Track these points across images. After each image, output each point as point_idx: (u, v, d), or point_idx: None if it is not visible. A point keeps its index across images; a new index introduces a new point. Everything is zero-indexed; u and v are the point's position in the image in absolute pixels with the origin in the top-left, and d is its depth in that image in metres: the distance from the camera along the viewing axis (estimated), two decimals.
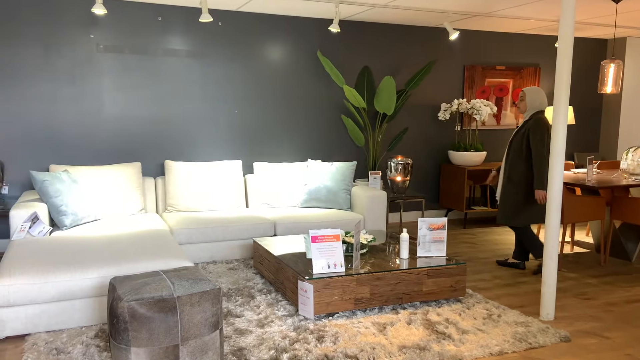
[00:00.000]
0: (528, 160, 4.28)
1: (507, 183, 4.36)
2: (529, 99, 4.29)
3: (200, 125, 5.49)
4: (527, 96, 4.30)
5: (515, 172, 4.32)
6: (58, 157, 5.03)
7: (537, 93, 4.29)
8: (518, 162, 4.31)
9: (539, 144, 4.14)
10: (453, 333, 3.23)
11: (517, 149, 4.30)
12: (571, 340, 3.21)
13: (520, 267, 4.60)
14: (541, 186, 4.13)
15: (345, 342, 3.08)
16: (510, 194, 4.36)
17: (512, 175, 4.33)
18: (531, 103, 4.29)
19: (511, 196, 4.36)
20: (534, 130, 4.19)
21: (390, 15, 5.65)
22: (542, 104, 4.28)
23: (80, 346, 2.98)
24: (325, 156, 6.06)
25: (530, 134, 4.20)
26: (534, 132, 4.19)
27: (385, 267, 3.60)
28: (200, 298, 2.62)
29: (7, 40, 4.77)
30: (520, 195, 4.32)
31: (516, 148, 4.31)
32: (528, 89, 4.32)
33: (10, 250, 3.47)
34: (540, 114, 4.28)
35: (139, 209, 4.90)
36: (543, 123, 4.20)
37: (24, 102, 4.88)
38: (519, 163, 4.30)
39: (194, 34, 5.37)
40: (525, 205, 4.33)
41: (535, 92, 4.29)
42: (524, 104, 4.32)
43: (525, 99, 4.30)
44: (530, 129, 4.20)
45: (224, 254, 4.68)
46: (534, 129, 4.19)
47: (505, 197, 4.39)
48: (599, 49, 7.31)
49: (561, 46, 3.33)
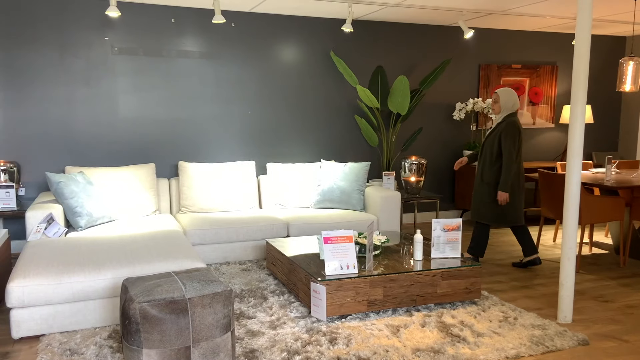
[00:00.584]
0: (499, 162, 4.33)
1: (480, 182, 4.45)
2: (503, 101, 4.31)
3: (214, 126, 5.51)
4: (501, 98, 4.31)
5: (487, 173, 4.38)
6: (73, 159, 5.07)
7: (510, 94, 4.31)
8: (490, 164, 4.37)
9: (511, 147, 4.20)
10: (468, 336, 3.18)
11: (489, 151, 4.35)
12: (589, 343, 3.14)
13: (537, 262, 4.56)
14: (505, 188, 4.23)
15: (358, 345, 3.05)
16: (482, 192, 4.45)
17: (483, 176, 4.41)
18: (505, 104, 4.32)
19: (482, 195, 4.45)
20: (507, 133, 4.23)
21: (404, 14, 5.61)
22: (515, 105, 4.32)
23: (94, 347, 2.99)
24: (339, 157, 6.03)
25: (503, 137, 4.24)
26: (506, 135, 4.23)
27: (398, 269, 3.56)
28: (211, 300, 2.61)
29: (24, 44, 4.83)
30: (490, 195, 4.40)
31: (489, 149, 4.36)
32: (501, 91, 4.34)
33: (26, 251, 3.50)
34: (513, 116, 4.32)
35: (153, 210, 4.92)
36: (516, 126, 4.25)
37: (40, 104, 4.93)
38: (490, 164, 4.37)
39: (207, 36, 5.38)
40: (492, 205, 4.41)
41: (509, 93, 4.31)
42: (498, 106, 4.34)
43: (499, 101, 4.32)
44: (503, 132, 4.24)
45: (237, 255, 4.68)
46: (506, 132, 4.23)
47: (477, 195, 4.49)
48: (618, 46, 7.18)
49: (578, 44, 3.26)
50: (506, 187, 4.24)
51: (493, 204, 4.40)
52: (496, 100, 4.34)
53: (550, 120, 6.92)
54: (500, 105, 4.33)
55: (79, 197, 4.31)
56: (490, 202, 4.41)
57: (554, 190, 4.68)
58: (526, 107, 6.78)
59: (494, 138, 4.33)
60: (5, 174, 4.68)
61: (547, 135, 6.98)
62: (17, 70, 4.84)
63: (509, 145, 4.21)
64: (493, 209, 4.41)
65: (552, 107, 6.90)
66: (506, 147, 4.22)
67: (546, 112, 6.89)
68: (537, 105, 6.84)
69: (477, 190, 4.49)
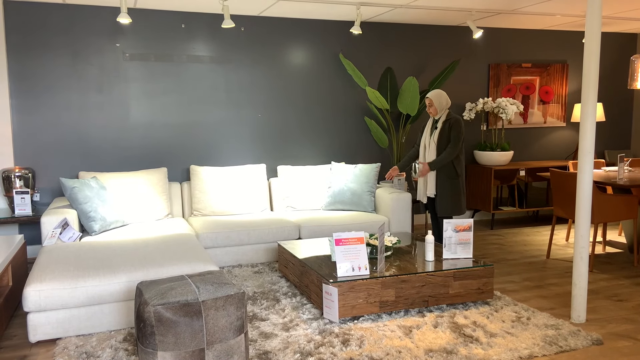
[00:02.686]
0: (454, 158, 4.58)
1: (445, 179, 4.59)
2: (437, 103, 4.56)
3: (225, 130, 5.54)
4: (435, 101, 4.56)
5: (449, 168, 4.57)
6: (87, 164, 5.14)
7: (441, 94, 4.58)
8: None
9: (457, 140, 4.50)
10: (481, 336, 3.18)
11: (444, 148, 4.56)
12: (603, 343, 3.12)
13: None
14: (433, 167, 4.52)
15: (371, 346, 3.06)
16: (448, 188, 4.58)
17: (449, 172, 4.57)
18: (440, 105, 4.56)
19: (449, 190, 4.59)
20: (455, 127, 4.52)
21: (412, 15, 5.61)
22: (448, 101, 4.60)
23: (110, 350, 3.03)
24: (349, 158, 6.04)
25: (453, 130, 4.52)
26: (454, 129, 4.52)
27: (410, 270, 3.56)
28: (224, 302, 2.63)
29: (37, 52, 4.90)
30: (457, 187, 4.59)
31: (443, 147, 4.56)
32: (431, 94, 4.57)
33: (41, 256, 3.56)
34: (452, 112, 4.55)
35: (166, 214, 4.97)
36: (461, 123, 4.55)
37: (53, 111, 5.00)
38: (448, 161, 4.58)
39: (217, 40, 5.42)
40: (462, 195, 4.62)
41: (439, 94, 4.58)
42: (434, 108, 4.59)
43: (434, 104, 4.56)
44: (453, 126, 4.52)
45: (249, 258, 4.71)
46: (455, 126, 4.52)
47: (445, 191, 4.60)
48: (629, 43, 7.12)
49: (588, 42, 3.25)
50: (435, 167, 4.52)
51: (462, 193, 4.62)
52: (431, 104, 4.59)
53: (562, 119, 6.88)
54: (436, 107, 4.57)
55: (93, 202, 4.37)
56: (460, 193, 4.61)
57: (566, 189, 4.66)
58: (537, 106, 6.75)
59: (442, 135, 4.54)
60: (21, 180, 4.75)
61: (559, 134, 6.94)
62: (30, 78, 4.91)
63: (456, 138, 4.49)
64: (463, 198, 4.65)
65: (563, 105, 6.86)
66: (453, 137, 4.50)
67: (557, 110, 6.85)
68: (547, 104, 6.80)
69: (444, 187, 4.62)
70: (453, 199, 4.60)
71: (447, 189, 4.60)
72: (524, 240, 5.67)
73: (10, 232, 4.97)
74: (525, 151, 6.81)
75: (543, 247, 5.34)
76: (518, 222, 6.60)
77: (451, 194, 4.60)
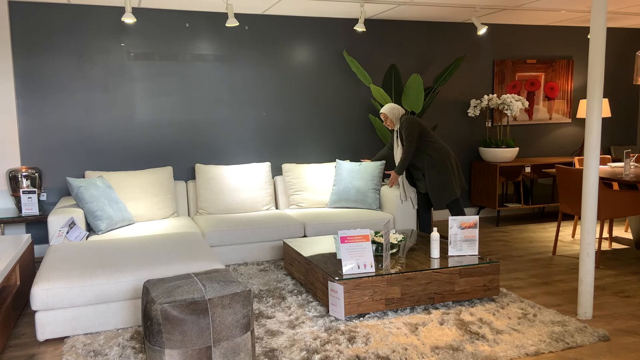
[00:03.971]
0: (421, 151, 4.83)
1: (428, 171, 4.82)
2: (391, 115, 4.86)
3: (230, 128, 5.56)
4: (389, 115, 4.85)
5: (425, 160, 4.83)
6: (93, 164, 5.16)
7: (392, 108, 4.88)
8: (421, 154, 4.85)
9: (409, 139, 4.76)
10: (487, 333, 3.17)
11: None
12: (610, 339, 3.12)
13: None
14: (399, 171, 4.85)
15: (377, 343, 3.06)
16: (435, 178, 4.81)
17: (427, 164, 4.82)
18: (394, 117, 4.86)
19: (437, 179, 4.82)
20: (404, 128, 4.79)
21: (416, 12, 5.60)
22: (400, 110, 4.89)
23: (117, 348, 3.05)
24: (354, 156, 6.04)
25: (403, 132, 4.80)
26: (404, 130, 4.78)
27: (416, 267, 3.56)
28: (231, 300, 2.64)
29: (43, 51, 4.93)
30: (443, 173, 4.81)
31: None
32: (384, 109, 4.87)
33: (48, 255, 3.58)
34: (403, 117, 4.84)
35: (171, 213, 4.98)
36: (409, 122, 4.78)
37: (59, 111, 5.02)
38: (421, 154, 4.85)
39: (221, 39, 5.43)
40: (448, 179, 4.81)
41: (391, 108, 4.87)
42: (390, 121, 4.89)
43: (388, 118, 4.87)
44: (402, 127, 4.80)
45: (255, 256, 4.72)
46: (404, 128, 4.79)
47: (434, 182, 4.82)
48: (634, 38, 7.08)
49: (593, 37, 3.24)
50: (400, 171, 4.84)
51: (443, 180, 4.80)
52: (385, 118, 4.89)
53: (567, 115, 6.86)
54: (391, 119, 4.87)
55: (99, 201, 4.39)
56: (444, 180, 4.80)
57: (572, 185, 4.64)
58: (542, 102, 6.73)
59: (402, 140, 4.85)
60: (27, 180, 4.78)
61: (564, 130, 6.91)
62: (36, 78, 4.94)
63: (406, 137, 4.77)
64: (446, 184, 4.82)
65: (568, 101, 6.83)
66: (404, 138, 4.78)
67: (562, 106, 6.82)
68: (553, 100, 6.78)
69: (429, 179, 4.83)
70: (440, 187, 4.80)
71: (432, 179, 4.81)
72: (530, 236, 5.65)
73: (18, 231, 5.00)
74: (531, 148, 6.79)
75: (549, 244, 5.32)
76: (524, 218, 6.58)
77: (437, 183, 4.80)
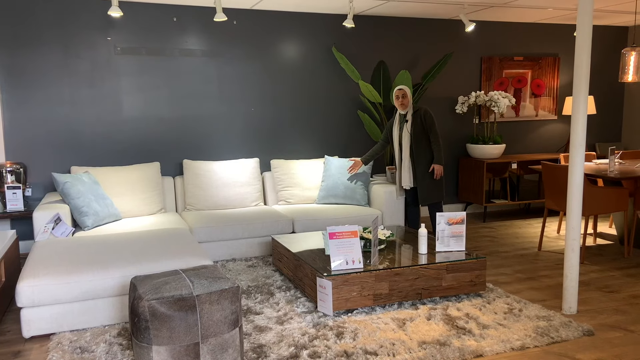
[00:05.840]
0: (429, 146, 4.86)
1: (425, 168, 4.86)
2: (410, 95, 4.87)
3: (218, 124, 5.53)
4: (408, 92, 4.85)
5: (428, 157, 4.86)
6: (79, 159, 5.11)
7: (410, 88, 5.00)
8: (428, 148, 4.86)
9: (436, 127, 4.82)
10: (473, 328, 3.20)
11: (421, 138, 4.84)
12: (595, 334, 3.16)
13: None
14: (442, 161, 4.83)
15: (365, 338, 3.08)
16: (429, 176, 4.87)
17: (428, 161, 4.86)
18: (410, 97, 4.87)
19: (430, 178, 4.87)
20: (429, 117, 4.81)
21: (405, 8, 5.61)
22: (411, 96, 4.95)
23: (104, 345, 3.03)
24: (343, 152, 6.05)
25: (429, 122, 4.80)
26: (431, 121, 4.81)
27: (404, 263, 3.58)
28: (219, 296, 2.64)
29: (27, 46, 4.86)
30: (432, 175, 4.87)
31: (420, 137, 4.83)
32: (405, 86, 4.88)
33: (34, 251, 3.54)
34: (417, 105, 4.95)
35: (159, 209, 4.96)
36: (432, 114, 4.88)
37: (44, 105, 4.96)
38: (428, 149, 4.86)
39: (210, 34, 5.40)
40: (439, 183, 4.89)
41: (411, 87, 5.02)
42: (407, 100, 4.85)
43: (407, 96, 4.84)
44: (425, 116, 4.81)
45: (243, 252, 4.72)
46: (429, 116, 4.81)
47: (427, 180, 4.87)
48: (620, 36, 7.16)
49: (580, 35, 3.27)
50: (442, 160, 4.83)
51: (438, 181, 4.88)
52: (404, 96, 4.83)
53: (553, 111, 6.92)
54: (409, 98, 4.84)
55: (86, 196, 4.35)
56: (438, 181, 4.88)
57: (557, 181, 4.69)
58: (529, 99, 6.78)
59: (416, 127, 4.80)
60: (12, 175, 4.72)
61: (550, 127, 6.97)
62: (20, 72, 4.87)
63: (435, 128, 4.81)
64: (440, 185, 4.91)
65: (554, 98, 6.90)
66: (431, 126, 4.80)
67: (549, 103, 6.88)
68: (539, 97, 6.83)
69: (422, 176, 4.87)
70: (435, 185, 4.85)
71: (428, 177, 4.84)
72: (516, 232, 5.71)
73: (2, 227, 4.94)
74: (517, 144, 6.84)
75: (535, 240, 5.38)
76: (510, 214, 6.64)
77: (431, 181, 4.84)
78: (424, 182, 4.87)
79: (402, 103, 4.83)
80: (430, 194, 4.88)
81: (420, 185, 4.89)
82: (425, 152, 4.85)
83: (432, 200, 4.88)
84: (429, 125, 4.79)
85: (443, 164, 4.84)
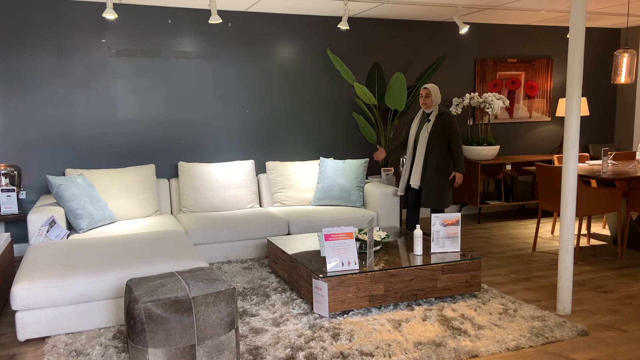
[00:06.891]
0: (448, 149, 4.71)
1: (434, 171, 4.70)
2: (434, 95, 4.70)
3: (213, 126, 5.53)
4: (432, 92, 4.69)
5: (440, 160, 4.69)
6: (73, 161, 5.09)
7: (437, 88, 4.75)
8: (442, 152, 4.70)
9: (459, 135, 4.70)
10: (469, 329, 3.22)
11: (439, 140, 4.68)
12: (589, 334, 3.18)
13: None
14: (463, 170, 4.72)
15: (361, 340, 3.09)
16: (436, 180, 4.71)
17: (439, 164, 4.69)
18: (435, 99, 4.70)
19: (437, 182, 4.71)
20: (454, 122, 4.69)
21: (399, 11, 5.63)
22: (440, 97, 4.77)
23: (99, 347, 3.02)
24: (337, 154, 6.06)
25: (452, 128, 4.68)
26: (454, 124, 4.68)
27: (399, 264, 3.59)
28: (215, 298, 2.64)
29: (22, 48, 4.84)
30: (446, 181, 4.72)
31: (438, 139, 4.68)
32: (430, 85, 4.70)
33: (29, 254, 3.53)
34: (444, 107, 4.77)
35: (154, 211, 4.95)
36: (455, 117, 4.78)
37: (39, 107, 4.95)
38: (442, 153, 4.70)
39: (204, 36, 5.40)
40: (448, 190, 4.76)
41: (436, 88, 4.73)
42: (430, 100, 4.69)
43: (431, 96, 4.69)
44: (451, 123, 4.68)
45: (238, 254, 4.71)
46: (454, 121, 4.69)
47: (433, 183, 4.71)
48: (612, 38, 7.21)
49: (573, 37, 3.29)
50: (463, 169, 4.72)
51: (448, 188, 4.76)
52: (428, 95, 4.68)
53: (546, 113, 6.96)
54: (432, 98, 4.68)
55: (80, 199, 4.34)
56: (448, 187, 4.75)
57: (551, 183, 4.72)
58: (522, 100, 6.82)
59: (437, 129, 4.67)
60: (6, 178, 4.70)
61: (544, 128, 7.01)
62: (15, 74, 4.86)
63: (457, 134, 4.69)
64: (449, 192, 4.80)
65: (547, 100, 6.94)
66: (456, 135, 4.68)
67: (542, 105, 6.92)
68: (533, 98, 6.87)
69: (432, 179, 4.72)
70: (440, 190, 4.72)
71: (435, 180, 4.71)
72: (511, 233, 5.73)
73: None
74: (511, 145, 6.88)
75: (529, 240, 5.41)
76: (504, 215, 6.67)
77: (438, 185, 4.71)
78: (431, 185, 4.73)
79: (424, 102, 4.71)
80: (437, 198, 4.72)
81: (426, 186, 4.76)
82: (438, 155, 4.69)
83: (434, 205, 4.72)
84: (453, 132, 4.66)
85: (464, 172, 4.79)
